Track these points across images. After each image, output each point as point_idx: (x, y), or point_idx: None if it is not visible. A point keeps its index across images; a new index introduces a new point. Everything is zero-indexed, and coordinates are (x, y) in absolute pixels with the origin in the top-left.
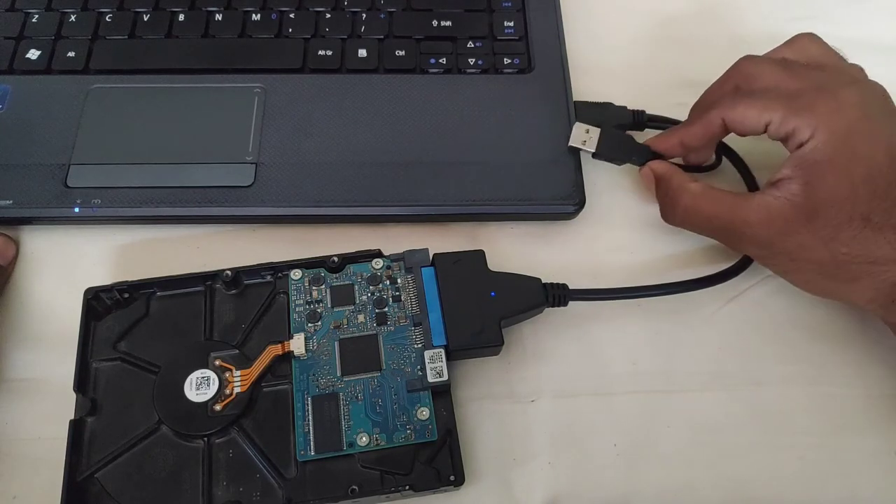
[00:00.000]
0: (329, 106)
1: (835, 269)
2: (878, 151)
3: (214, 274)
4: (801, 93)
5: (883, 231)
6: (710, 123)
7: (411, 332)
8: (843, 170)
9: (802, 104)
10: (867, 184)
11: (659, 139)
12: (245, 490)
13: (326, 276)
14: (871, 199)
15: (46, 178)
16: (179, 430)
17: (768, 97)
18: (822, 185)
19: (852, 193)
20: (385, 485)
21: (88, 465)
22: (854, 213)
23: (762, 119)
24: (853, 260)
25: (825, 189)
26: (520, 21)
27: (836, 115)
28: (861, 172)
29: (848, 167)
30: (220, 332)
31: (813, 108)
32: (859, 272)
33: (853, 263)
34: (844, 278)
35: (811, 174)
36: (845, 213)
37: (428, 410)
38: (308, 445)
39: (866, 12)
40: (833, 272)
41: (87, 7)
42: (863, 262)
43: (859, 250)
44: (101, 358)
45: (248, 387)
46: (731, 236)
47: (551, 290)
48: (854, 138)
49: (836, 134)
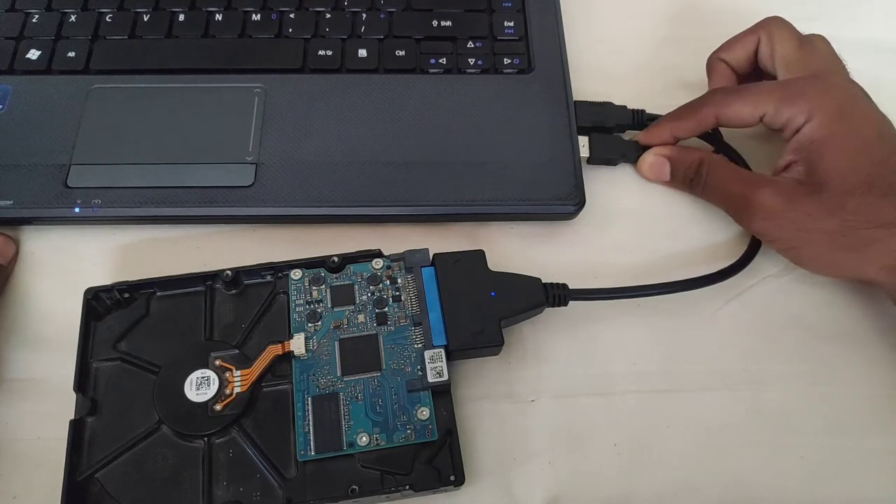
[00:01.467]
0: (329, 106)
1: (843, 237)
2: (868, 128)
3: (214, 274)
4: (791, 81)
5: (887, 196)
6: (703, 119)
7: (411, 332)
8: (839, 144)
9: (793, 92)
10: (864, 154)
11: (651, 133)
12: (245, 490)
13: (326, 276)
14: (871, 167)
15: (46, 178)
16: (179, 429)
17: (759, 92)
18: (822, 160)
19: (852, 164)
20: (385, 485)
21: (89, 464)
22: (857, 182)
23: (756, 113)
24: (862, 225)
25: (826, 163)
26: (520, 21)
27: (827, 98)
28: (856, 145)
29: (844, 141)
30: (221, 332)
31: (804, 94)
32: (869, 238)
33: (862, 229)
34: (854, 246)
35: (811, 153)
36: (849, 182)
37: (428, 410)
38: (308, 445)
39: (867, 12)
40: (842, 241)
41: (87, 7)
42: (871, 226)
43: (866, 216)
44: (101, 358)
45: (248, 387)
46: (744, 208)
47: (551, 290)
48: (846, 116)
49: (829, 114)
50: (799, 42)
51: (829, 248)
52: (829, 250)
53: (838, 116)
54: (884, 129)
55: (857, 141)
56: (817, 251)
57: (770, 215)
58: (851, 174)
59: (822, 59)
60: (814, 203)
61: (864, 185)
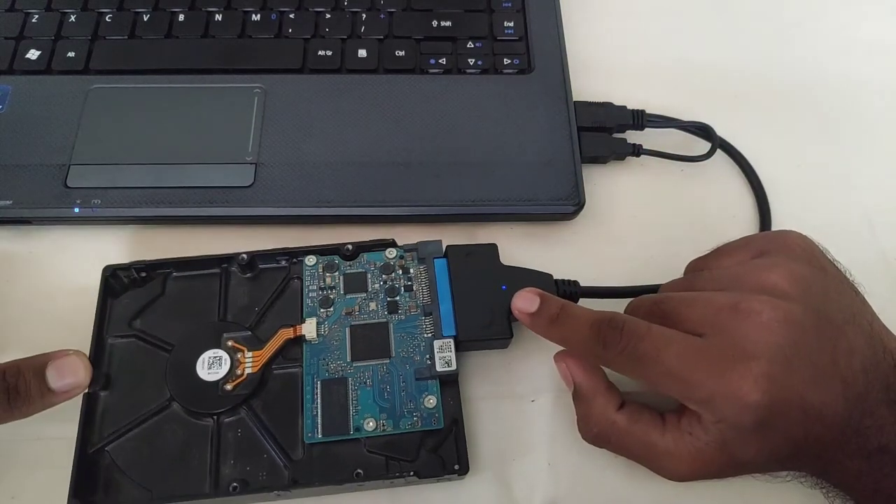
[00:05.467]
0: (329, 106)
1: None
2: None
3: (230, 257)
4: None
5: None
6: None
7: (422, 322)
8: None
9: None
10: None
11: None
12: (252, 469)
13: (340, 263)
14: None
15: (46, 179)
16: (190, 407)
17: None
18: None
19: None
20: (390, 470)
21: (100, 438)
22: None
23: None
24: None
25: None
26: (520, 21)
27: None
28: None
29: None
30: (234, 313)
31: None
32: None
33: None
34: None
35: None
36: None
37: (435, 399)
38: (316, 428)
39: (866, 12)
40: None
41: (87, 7)
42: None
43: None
44: (116, 334)
45: (259, 368)
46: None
47: (562, 287)
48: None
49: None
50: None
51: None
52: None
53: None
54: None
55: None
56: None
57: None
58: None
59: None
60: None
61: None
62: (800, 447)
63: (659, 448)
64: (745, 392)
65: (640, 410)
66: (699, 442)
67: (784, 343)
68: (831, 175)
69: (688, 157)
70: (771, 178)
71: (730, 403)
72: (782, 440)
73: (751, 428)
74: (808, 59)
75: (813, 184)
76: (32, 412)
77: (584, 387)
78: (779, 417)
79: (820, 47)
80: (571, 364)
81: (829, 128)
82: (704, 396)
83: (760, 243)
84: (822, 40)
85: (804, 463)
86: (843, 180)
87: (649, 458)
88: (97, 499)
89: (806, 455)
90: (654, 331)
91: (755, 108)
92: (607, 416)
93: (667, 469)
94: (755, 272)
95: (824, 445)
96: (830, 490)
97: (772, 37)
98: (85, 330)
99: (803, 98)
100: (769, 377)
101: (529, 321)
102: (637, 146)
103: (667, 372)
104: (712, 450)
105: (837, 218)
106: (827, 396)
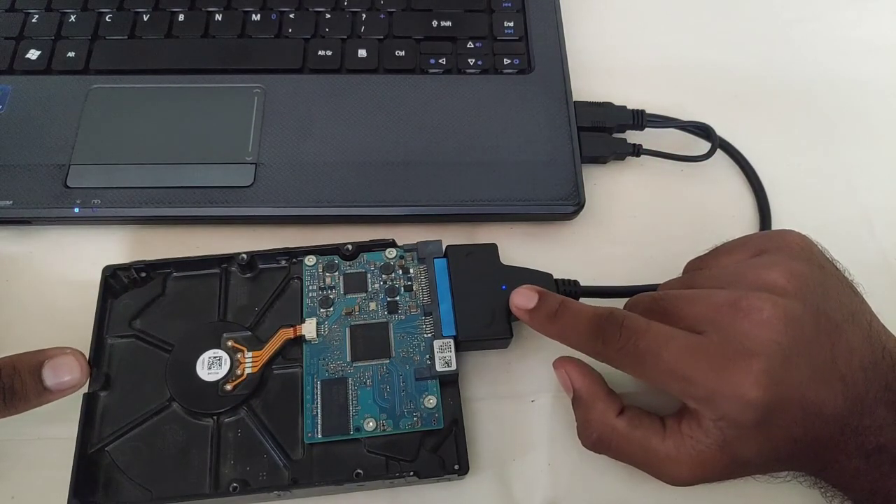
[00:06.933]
0: (329, 106)
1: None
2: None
3: (230, 257)
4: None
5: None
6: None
7: (422, 322)
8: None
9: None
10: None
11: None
12: (251, 469)
13: (340, 263)
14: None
15: (46, 179)
16: (190, 407)
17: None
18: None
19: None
20: (390, 470)
21: (100, 438)
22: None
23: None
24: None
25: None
26: (520, 21)
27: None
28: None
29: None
30: (234, 313)
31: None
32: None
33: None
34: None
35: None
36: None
37: (435, 399)
38: (315, 428)
39: (866, 12)
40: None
41: (87, 7)
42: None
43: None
44: (116, 334)
45: (258, 368)
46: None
47: (562, 286)
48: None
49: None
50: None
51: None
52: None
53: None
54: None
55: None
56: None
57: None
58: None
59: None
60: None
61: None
62: (799, 445)
63: (660, 453)
64: (745, 389)
65: (640, 416)
66: (700, 445)
67: (784, 340)
68: (831, 175)
69: (688, 157)
70: (771, 178)
71: (730, 400)
72: (782, 438)
73: (751, 425)
74: (808, 59)
75: (813, 184)
76: (27, 409)
77: (584, 392)
78: (779, 415)
79: (820, 47)
80: (571, 370)
81: (829, 128)
82: (705, 394)
83: (759, 242)
84: (821, 40)
85: (803, 462)
86: (842, 180)
87: (650, 464)
88: (97, 499)
89: (805, 454)
90: (653, 327)
91: (755, 108)
92: (607, 421)
93: (668, 474)
94: (755, 270)
95: (823, 444)
96: (828, 490)
97: (772, 37)
98: (85, 330)
99: (803, 98)
100: (769, 374)
101: (528, 318)
102: (637, 146)
103: (667, 369)
104: (713, 451)
105: (837, 218)
106: (826, 394)
